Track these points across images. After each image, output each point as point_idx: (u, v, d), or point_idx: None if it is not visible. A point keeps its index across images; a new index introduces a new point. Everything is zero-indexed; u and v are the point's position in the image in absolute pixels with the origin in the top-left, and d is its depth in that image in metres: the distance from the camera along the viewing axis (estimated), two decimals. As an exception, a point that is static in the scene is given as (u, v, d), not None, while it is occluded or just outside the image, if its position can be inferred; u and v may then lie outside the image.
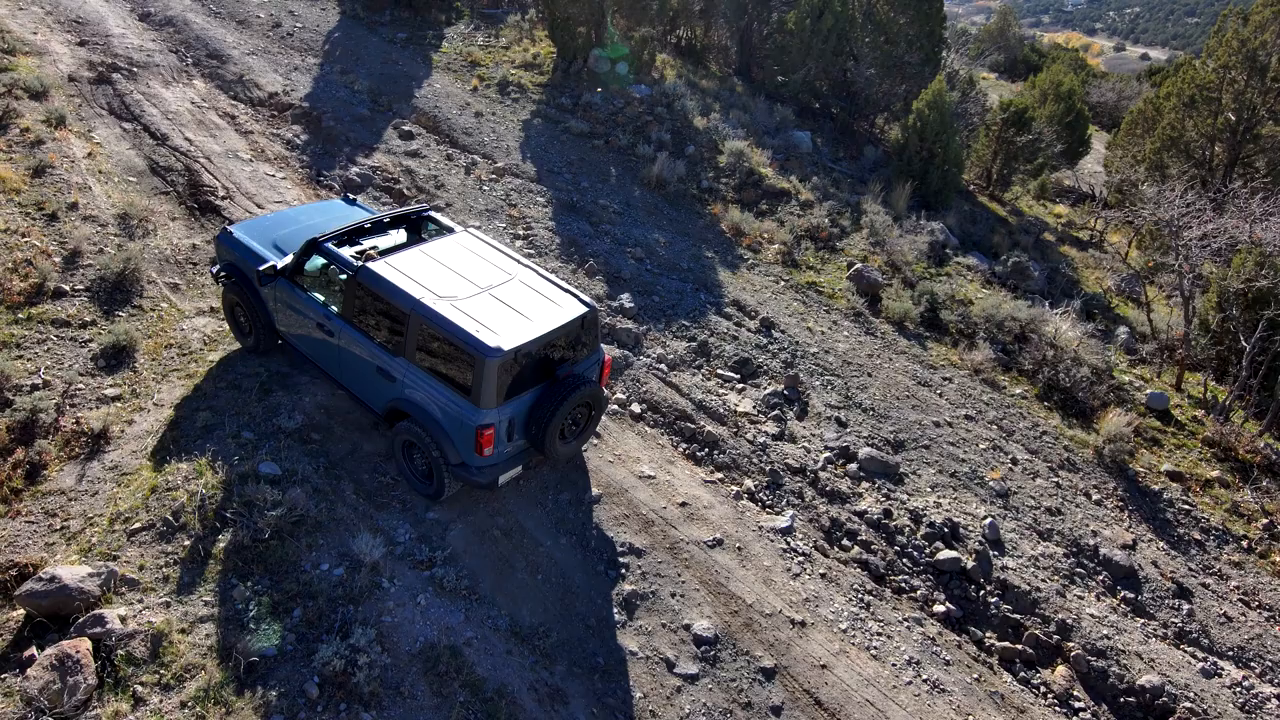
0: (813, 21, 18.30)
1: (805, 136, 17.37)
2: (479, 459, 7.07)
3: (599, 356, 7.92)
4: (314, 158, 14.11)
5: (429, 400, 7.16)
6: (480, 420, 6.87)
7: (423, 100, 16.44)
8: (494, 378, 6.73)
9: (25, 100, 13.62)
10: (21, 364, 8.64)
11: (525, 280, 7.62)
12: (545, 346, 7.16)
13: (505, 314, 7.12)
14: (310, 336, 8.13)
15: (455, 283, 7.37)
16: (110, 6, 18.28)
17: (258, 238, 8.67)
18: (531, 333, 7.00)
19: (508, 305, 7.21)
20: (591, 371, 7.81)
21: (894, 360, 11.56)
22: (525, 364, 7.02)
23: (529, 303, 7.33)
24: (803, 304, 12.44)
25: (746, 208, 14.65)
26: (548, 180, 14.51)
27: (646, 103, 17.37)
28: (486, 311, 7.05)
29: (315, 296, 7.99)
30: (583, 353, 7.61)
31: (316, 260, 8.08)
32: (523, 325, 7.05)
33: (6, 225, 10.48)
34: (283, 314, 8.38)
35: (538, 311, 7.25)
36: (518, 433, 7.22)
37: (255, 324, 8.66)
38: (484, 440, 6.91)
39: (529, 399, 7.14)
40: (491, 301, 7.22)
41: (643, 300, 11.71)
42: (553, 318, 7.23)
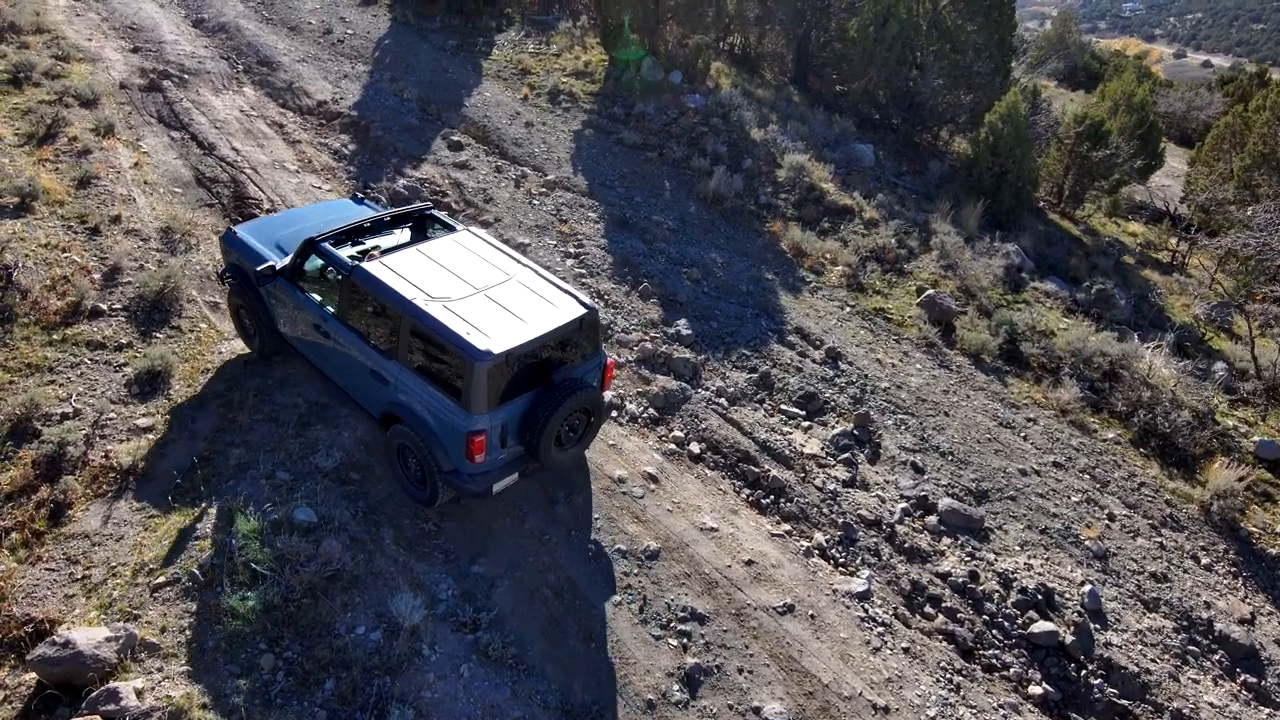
0: (876, 29, 17.26)
1: (867, 150, 16.36)
2: (471, 466, 6.67)
3: (600, 360, 7.44)
4: (361, 169, 13.52)
5: (420, 404, 6.81)
6: (471, 426, 6.50)
7: (472, 109, 15.79)
8: (484, 382, 6.39)
9: (75, 108, 13.25)
10: (53, 390, 8.10)
11: (523, 281, 7.24)
12: (541, 349, 6.78)
13: (499, 316, 6.77)
14: (309, 339, 7.82)
15: (450, 283, 7.05)
16: (165, 13, 17.97)
17: (261, 238, 8.41)
18: (525, 335, 6.63)
19: (502, 307, 6.87)
20: (592, 376, 7.33)
21: (972, 398, 10.55)
22: (519, 368, 6.66)
23: (525, 304, 6.96)
24: (870, 332, 11.48)
25: (807, 226, 13.71)
26: (600, 194, 13.74)
27: (701, 113, 16.52)
28: (480, 313, 6.73)
29: (313, 297, 7.67)
30: (582, 356, 7.19)
31: (316, 261, 7.72)
32: (516, 327, 6.69)
33: (48, 239, 10.01)
34: (283, 315, 8.07)
35: (533, 313, 6.87)
36: (512, 439, 6.82)
37: (258, 326, 8.32)
38: (475, 447, 6.53)
39: (523, 404, 6.76)
40: (486, 303, 6.88)
41: (700, 326, 10.87)
42: (548, 320, 6.83)
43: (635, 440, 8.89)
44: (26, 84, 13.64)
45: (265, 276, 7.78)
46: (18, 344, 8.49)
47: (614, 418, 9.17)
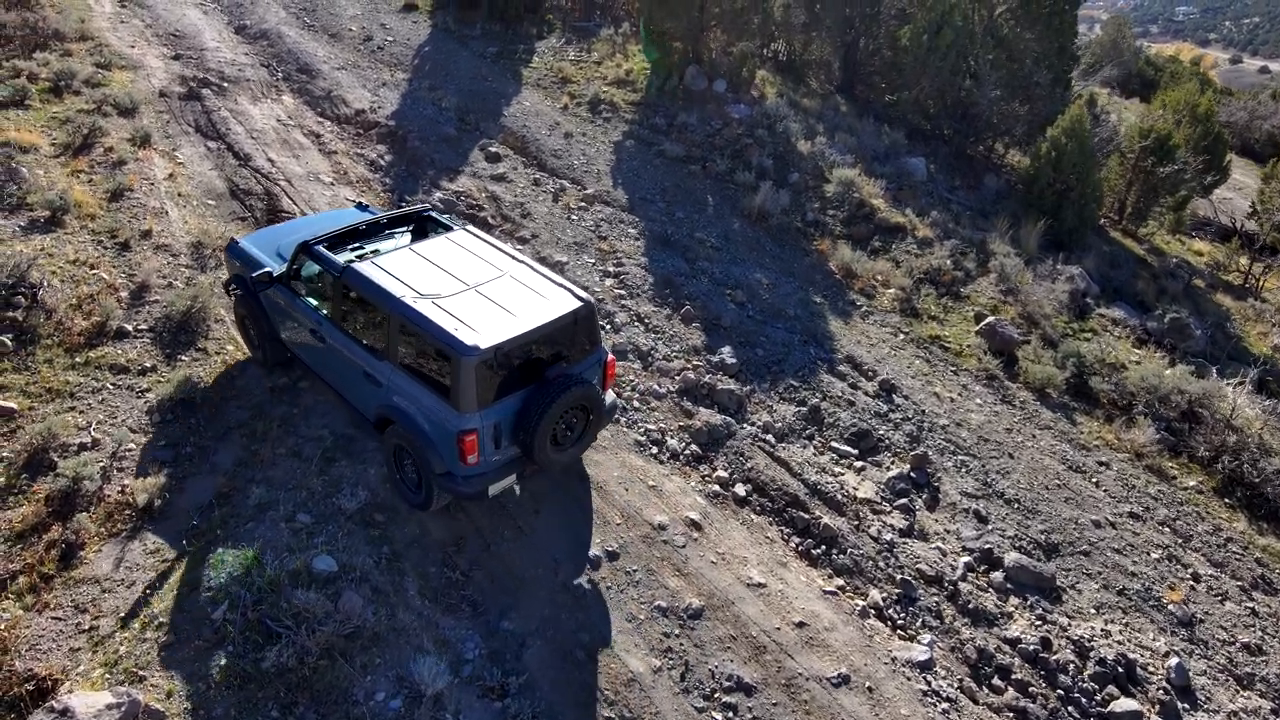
0: (930, 38, 16.39)
1: (919, 164, 15.51)
2: (464, 468, 6.40)
3: (600, 356, 7.13)
4: (397, 181, 13.06)
5: (412, 405, 6.60)
6: (461, 425, 6.25)
7: (511, 119, 15.26)
8: (473, 378, 6.15)
9: (114, 117, 12.98)
10: (73, 418, 7.70)
11: (517, 276, 7.02)
12: (533, 345, 6.53)
13: (489, 311, 6.55)
14: (308, 344, 7.65)
15: (441, 281, 6.86)
16: (209, 19, 17.76)
17: (263, 247, 8.35)
18: (514, 330, 6.38)
19: (494, 302, 6.65)
20: (591, 372, 7.01)
21: (1038, 438, 9.72)
22: (511, 364, 6.41)
23: (516, 299, 6.72)
24: (926, 362, 10.69)
25: (857, 245, 12.94)
26: (640, 209, 13.12)
27: (746, 124, 15.81)
28: (469, 309, 6.53)
29: (309, 302, 7.52)
30: (579, 352, 6.90)
31: (313, 266, 7.55)
32: (506, 322, 6.45)
33: (77, 255, 9.66)
34: (284, 322, 7.92)
35: (524, 308, 6.63)
36: (506, 439, 6.53)
37: (260, 335, 8.17)
38: (466, 446, 6.28)
39: (516, 402, 6.48)
40: (477, 299, 6.67)
41: (745, 354, 10.18)
42: (540, 313, 6.59)
43: (677, 480, 8.25)
44: (67, 92, 13.42)
45: (261, 283, 7.67)
46: (40, 367, 8.12)
47: (654, 455, 8.55)
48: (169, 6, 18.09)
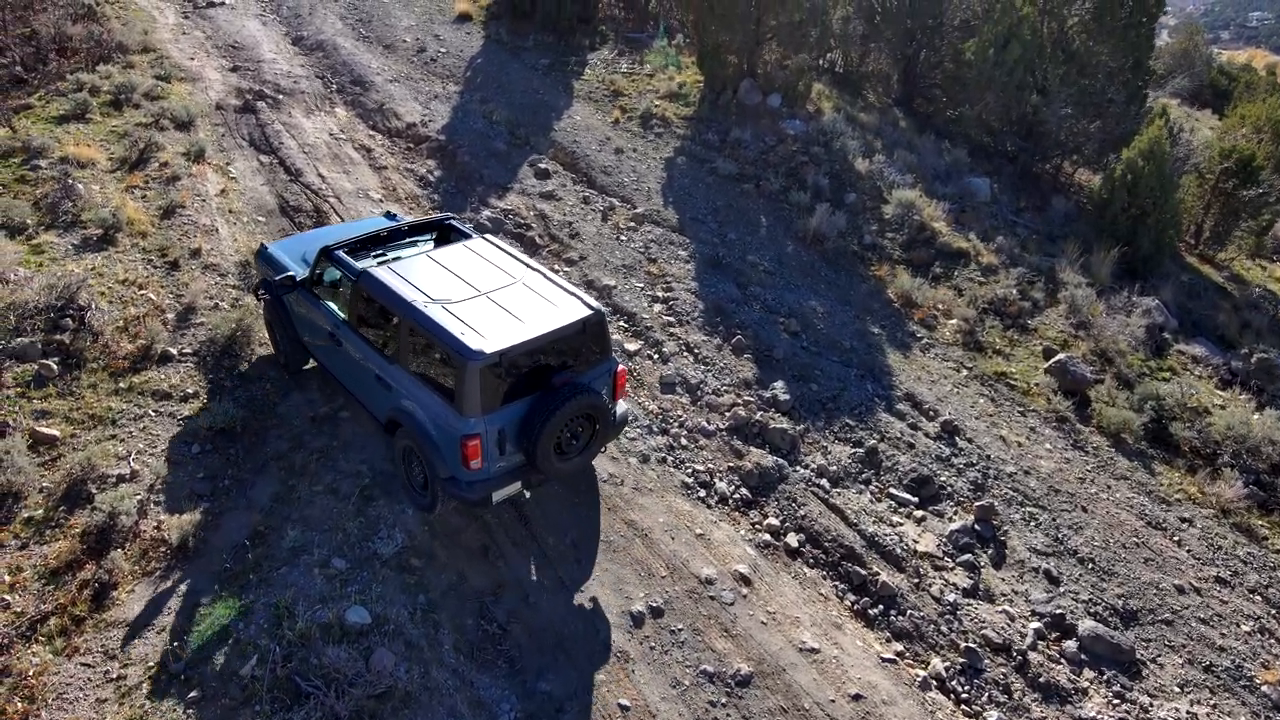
0: (996, 52, 15.55)
1: (983, 184, 14.71)
2: (468, 473, 6.38)
3: (610, 367, 7.06)
4: (446, 197, 12.80)
5: (420, 409, 6.63)
6: (465, 429, 6.24)
7: (561, 134, 14.91)
8: (477, 382, 6.14)
9: (170, 131, 12.98)
10: (113, 446, 7.53)
11: (529, 283, 7.01)
12: (540, 352, 6.50)
13: (498, 317, 6.55)
14: (326, 347, 7.77)
15: (454, 287, 6.90)
16: (267, 30, 17.79)
17: (290, 253, 8.52)
18: (521, 336, 6.36)
19: (503, 308, 6.65)
20: (599, 382, 6.93)
21: (1113, 489, 8.98)
22: (517, 370, 6.39)
23: (526, 306, 6.71)
24: (991, 401, 10.00)
25: (917, 271, 12.26)
26: (691, 230, 12.63)
27: (801, 141, 15.19)
28: (478, 315, 6.54)
29: (329, 305, 7.63)
30: (588, 361, 6.86)
31: (334, 271, 7.64)
32: (513, 328, 6.43)
33: (126, 275, 9.57)
34: (304, 325, 8.06)
35: (533, 315, 6.61)
36: (511, 445, 6.48)
37: (284, 337, 8.32)
38: (469, 451, 6.25)
39: (522, 408, 6.44)
40: (487, 305, 6.69)
41: (799, 389, 9.63)
42: (548, 321, 6.55)
43: (725, 528, 7.75)
44: (127, 105, 13.47)
45: (284, 286, 7.83)
46: (84, 392, 7.98)
47: (702, 498, 8.07)
48: (230, 18, 18.19)
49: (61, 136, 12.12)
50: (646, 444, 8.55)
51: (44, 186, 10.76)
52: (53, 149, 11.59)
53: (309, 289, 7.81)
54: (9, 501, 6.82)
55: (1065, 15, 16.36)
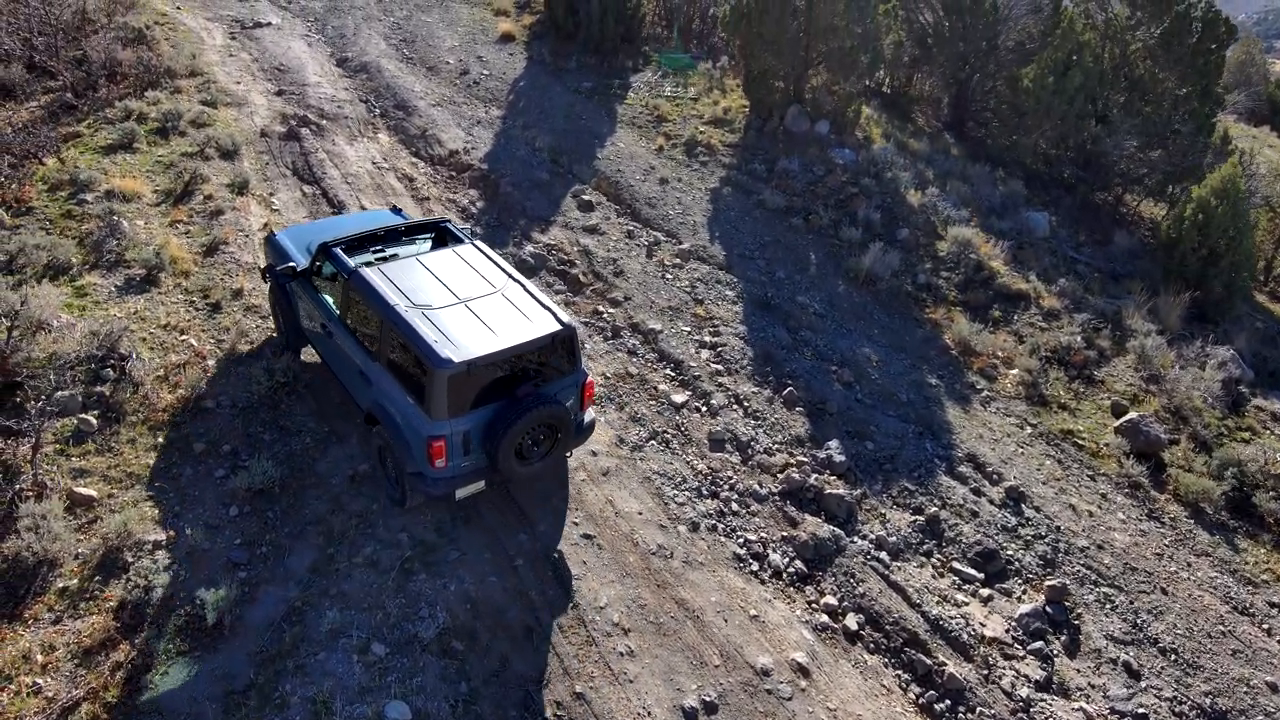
0: (1057, 79, 14.79)
1: (1042, 219, 13.97)
2: (433, 470, 6.68)
3: (579, 379, 7.31)
4: (488, 231, 12.42)
5: (393, 406, 6.92)
6: (432, 431, 6.54)
7: (605, 162, 14.47)
8: (445, 389, 6.42)
9: (215, 160, 12.78)
10: (150, 508, 7.23)
11: (508, 295, 7.24)
12: (510, 362, 6.75)
13: (472, 326, 6.82)
14: (321, 336, 8.07)
15: (436, 292, 7.15)
16: (312, 52, 17.60)
17: (297, 242, 8.74)
18: (491, 347, 6.63)
19: (479, 318, 6.91)
20: (566, 394, 7.16)
21: (1194, 567, 8.29)
22: (485, 378, 6.63)
23: (501, 317, 6.96)
24: (1059, 464, 9.35)
25: (974, 314, 11.61)
26: (738, 267, 12.11)
27: (850, 171, 14.58)
28: (454, 323, 6.81)
29: (325, 298, 7.89)
30: (556, 372, 7.10)
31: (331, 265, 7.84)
32: (484, 339, 6.70)
33: (168, 319, 9.31)
34: (304, 312, 8.34)
35: (506, 326, 6.88)
36: (475, 447, 6.75)
37: (285, 321, 8.61)
38: (434, 451, 6.55)
39: (488, 414, 6.70)
40: (464, 313, 6.95)
41: (854, 447, 9.07)
42: (519, 333, 6.81)
43: (780, 608, 7.24)
44: (173, 134, 13.30)
45: (285, 275, 8.12)
46: (122, 448, 7.71)
47: (755, 572, 7.57)
48: (276, 38, 18.04)
49: (108, 168, 11.96)
50: (696, 509, 8.07)
51: (89, 223, 10.57)
52: (99, 182, 11.42)
53: (309, 279, 8.06)
54: (44, 570, 6.55)
55: (1128, 40, 15.54)
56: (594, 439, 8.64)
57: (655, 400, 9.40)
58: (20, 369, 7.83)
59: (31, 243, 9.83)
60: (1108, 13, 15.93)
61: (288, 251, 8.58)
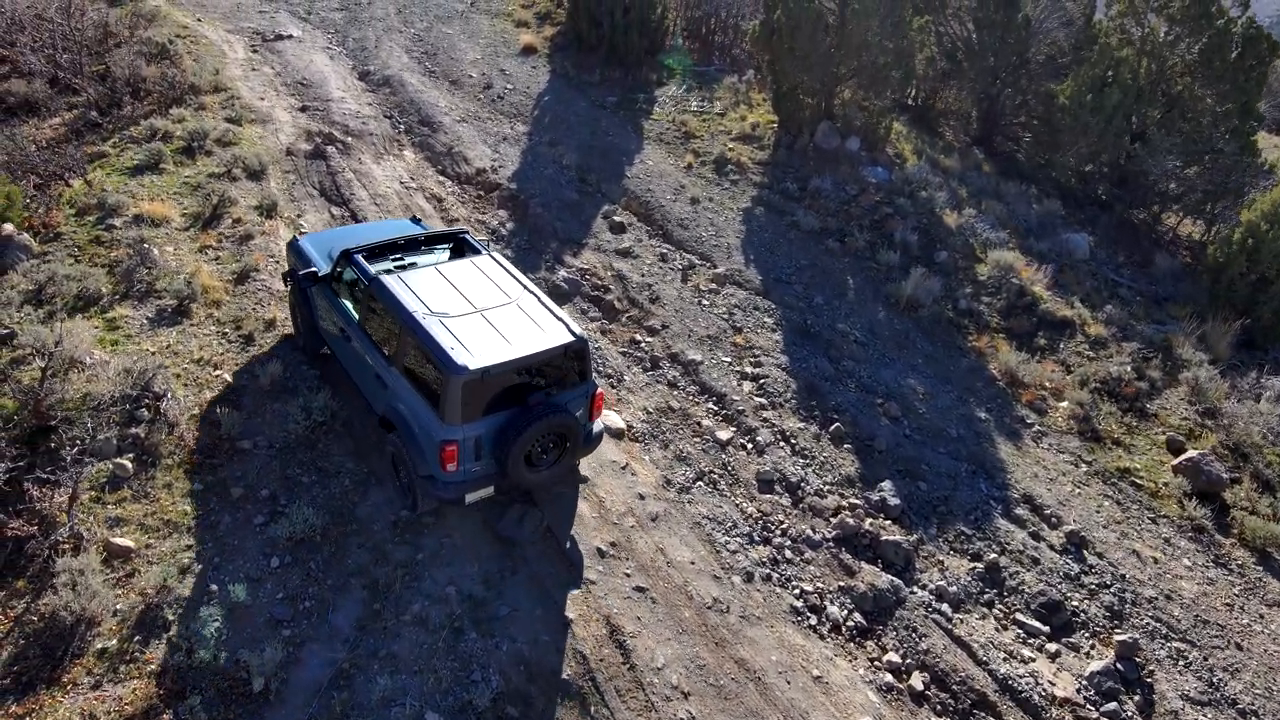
0: (1095, 96, 14.38)
1: (1082, 241, 13.57)
2: (445, 474, 6.78)
3: (589, 390, 7.34)
4: (519, 254, 12.07)
5: (408, 410, 7.01)
6: (445, 435, 6.65)
7: (634, 181, 14.11)
8: (458, 395, 6.53)
9: (242, 181, 12.46)
10: (188, 558, 6.91)
11: (523, 305, 7.34)
12: (521, 371, 6.85)
13: (487, 335, 6.92)
14: (339, 339, 8.15)
15: (453, 301, 7.26)
16: (334, 65, 17.26)
17: (319, 247, 8.84)
18: (505, 355, 6.74)
19: (494, 327, 7.02)
20: (576, 404, 7.22)
21: (1268, 619, 7.91)
22: (498, 386, 6.74)
23: (516, 327, 7.07)
24: (1118, 505, 8.97)
25: (1019, 342, 11.22)
26: (775, 293, 11.74)
27: (884, 190, 14.21)
28: (470, 331, 6.91)
29: (344, 303, 7.98)
30: (567, 383, 7.16)
31: (352, 271, 7.92)
32: (499, 347, 6.80)
33: (201, 353, 9.00)
34: (323, 317, 8.42)
35: (520, 335, 6.97)
36: (487, 453, 6.84)
37: (304, 324, 8.69)
38: (446, 455, 6.65)
39: (500, 421, 6.78)
40: (480, 322, 7.05)
41: (906, 488, 8.71)
42: (533, 343, 6.91)
43: (843, 666, 6.89)
44: (199, 153, 13.00)
45: (307, 280, 8.27)
46: (159, 494, 7.39)
47: (813, 626, 7.21)
48: (298, 51, 17.71)
49: (135, 190, 11.66)
50: (749, 557, 7.72)
51: (118, 250, 10.27)
52: (127, 206, 11.11)
53: (329, 285, 8.14)
54: (82, 629, 6.24)
55: (1166, 57, 15.11)
56: (641, 480, 8.30)
57: (699, 437, 9.05)
58: (55, 411, 7.52)
59: (61, 272, 9.53)
60: (1144, 28, 15.49)
61: (309, 256, 8.72)
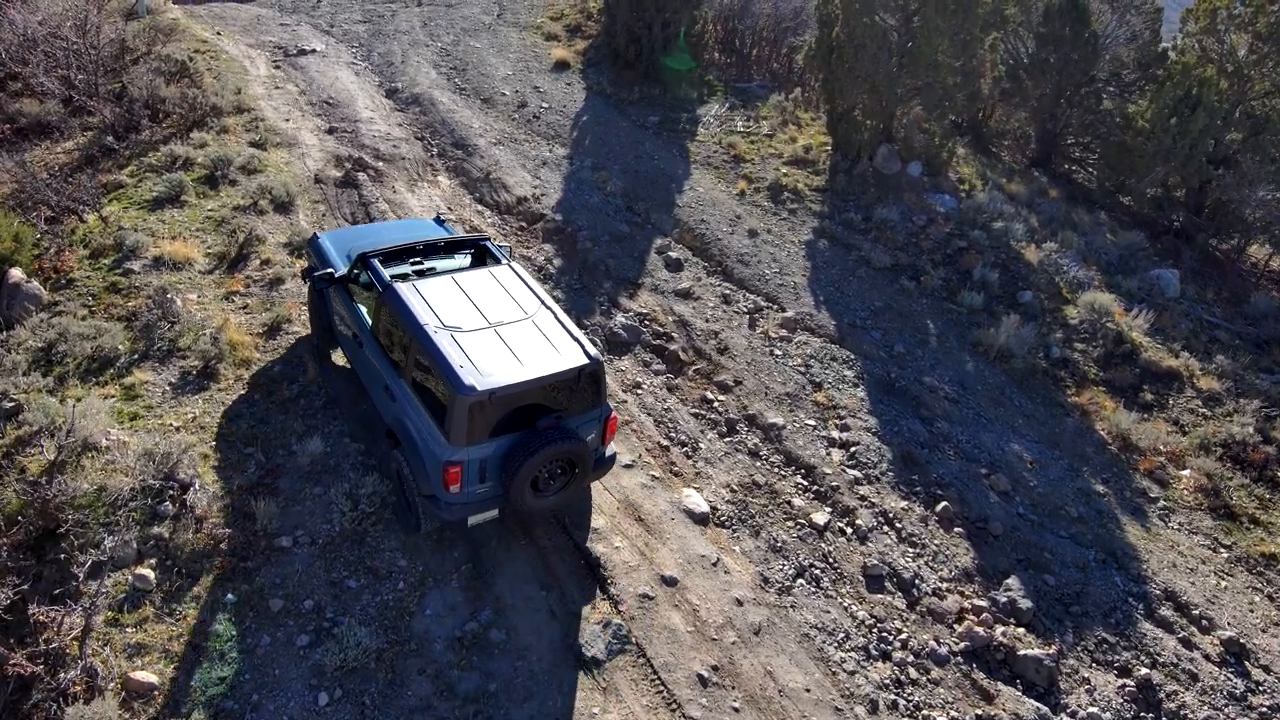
0: (1179, 120, 13.10)
1: (1172, 278, 12.32)
2: (448, 495, 6.37)
3: (602, 414, 6.86)
4: (570, 295, 10.84)
5: (413, 425, 6.61)
6: (448, 455, 6.26)
7: (685, 210, 12.87)
8: (464, 415, 6.14)
9: (270, 214, 11.25)
10: (221, 695, 5.69)
11: (539, 322, 6.88)
12: (533, 393, 6.40)
13: (499, 353, 6.50)
14: (352, 343, 7.77)
15: (467, 315, 6.82)
16: (360, 82, 16.01)
17: (338, 247, 8.42)
18: (515, 377, 6.31)
19: (506, 345, 6.59)
20: (587, 428, 6.74)
21: None
22: (507, 407, 6.30)
23: (529, 345, 6.61)
24: (1270, 600, 7.74)
25: (1122, 396, 9.99)
26: (852, 340, 10.50)
27: (953, 220, 12.96)
28: (482, 348, 6.49)
29: (359, 307, 7.62)
30: (580, 407, 6.67)
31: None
32: (509, 368, 6.38)
33: (232, 427, 7.77)
34: (338, 318, 8.04)
35: (533, 356, 6.52)
36: (491, 476, 6.44)
37: (320, 323, 8.32)
38: (449, 476, 6.26)
39: (507, 443, 6.38)
40: (492, 339, 6.63)
41: (1033, 582, 7.48)
42: (545, 365, 6.46)
43: (998, 827, 5.66)
44: (223, 183, 11.77)
45: (322, 280, 7.90)
46: (186, 610, 6.18)
47: (954, 770, 5.99)
48: (322, 67, 16.46)
49: (155, 227, 10.45)
50: (869, 678, 6.49)
51: (137, 299, 9.05)
52: (145, 247, 9.90)
53: (345, 286, 7.75)
54: (96, 799, 5.02)
55: (1251, 76, 13.82)
56: (735, 578, 7.09)
57: (793, 521, 7.83)
58: (64, 511, 6.30)
59: (74, 330, 8.32)
60: (1224, 45, 14.21)
61: (328, 256, 8.29)
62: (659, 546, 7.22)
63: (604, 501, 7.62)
